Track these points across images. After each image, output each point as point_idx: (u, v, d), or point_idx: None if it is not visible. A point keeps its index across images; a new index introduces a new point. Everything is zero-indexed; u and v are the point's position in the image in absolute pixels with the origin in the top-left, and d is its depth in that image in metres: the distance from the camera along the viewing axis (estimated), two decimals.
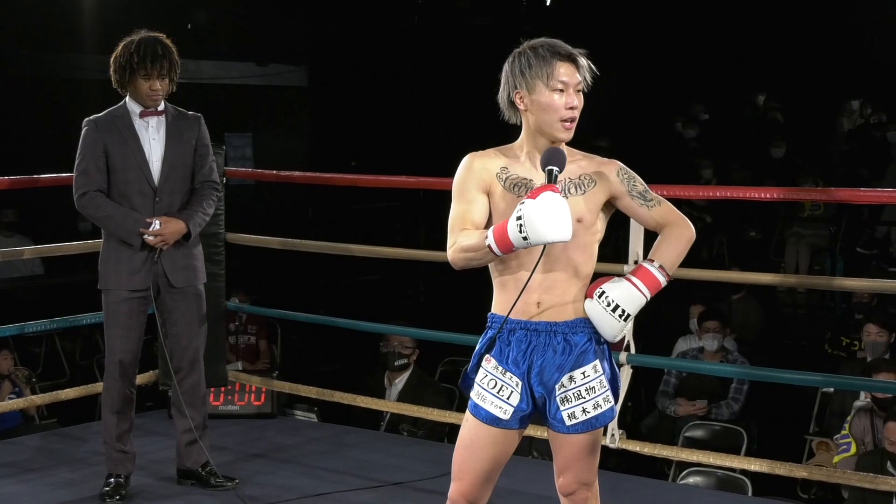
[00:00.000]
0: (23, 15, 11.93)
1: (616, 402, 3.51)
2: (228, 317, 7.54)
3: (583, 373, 3.42)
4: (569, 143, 3.49)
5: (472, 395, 3.51)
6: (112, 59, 4.97)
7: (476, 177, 3.47)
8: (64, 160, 5.80)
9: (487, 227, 3.42)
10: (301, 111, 15.67)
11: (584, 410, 3.42)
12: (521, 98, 3.45)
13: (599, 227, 3.49)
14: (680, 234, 3.48)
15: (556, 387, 3.42)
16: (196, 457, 5.25)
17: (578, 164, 3.47)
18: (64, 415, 8.02)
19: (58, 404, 6.91)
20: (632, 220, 5.14)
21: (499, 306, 3.49)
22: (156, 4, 11.88)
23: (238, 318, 9.21)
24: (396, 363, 7.33)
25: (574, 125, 3.45)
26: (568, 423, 3.43)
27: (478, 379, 3.51)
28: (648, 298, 3.42)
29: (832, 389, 7.65)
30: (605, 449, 5.39)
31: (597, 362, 3.44)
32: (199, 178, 5.11)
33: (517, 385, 3.44)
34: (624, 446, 5.31)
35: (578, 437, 3.44)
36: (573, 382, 3.42)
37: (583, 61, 3.47)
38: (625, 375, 5.31)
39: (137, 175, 4.96)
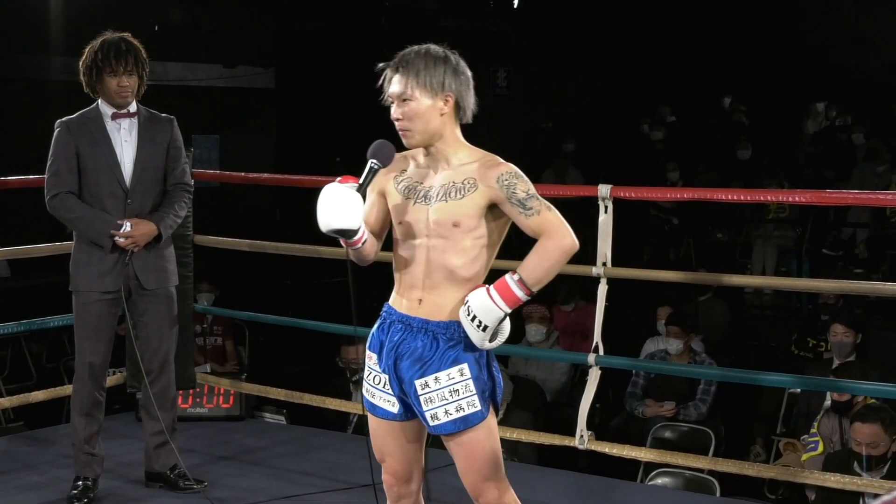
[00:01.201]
0: None
1: (488, 406, 3.48)
2: (195, 319, 7.52)
3: (448, 374, 3.44)
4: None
5: (364, 392, 3.62)
6: (80, 63, 4.95)
7: (375, 181, 3.56)
8: (31, 162, 5.77)
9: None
10: (268, 113, 15.64)
11: (446, 412, 3.44)
12: None
13: (485, 231, 3.46)
14: (553, 246, 3.41)
15: (419, 384, 3.46)
16: (165, 459, 5.24)
17: (469, 166, 3.47)
18: (30, 417, 7.97)
19: (24, 407, 6.87)
20: (599, 221, 5.22)
21: (391, 297, 3.59)
22: (123, 6, 11.83)
23: (204, 320, 9.19)
24: (354, 378, 7.27)
25: (409, 134, 3.46)
26: (432, 423, 3.48)
27: (366, 377, 3.61)
28: (507, 312, 3.39)
29: (799, 390, 7.69)
30: (573, 450, 5.45)
31: (464, 366, 3.45)
32: (171, 179, 5.10)
33: (387, 380, 3.53)
34: (592, 447, 5.33)
35: (456, 438, 3.48)
36: (438, 384, 3.45)
37: (412, 69, 3.44)
38: (593, 377, 5.33)
39: (109, 177, 4.94)
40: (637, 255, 11.76)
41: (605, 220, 5.21)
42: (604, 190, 5.18)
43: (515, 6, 16.22)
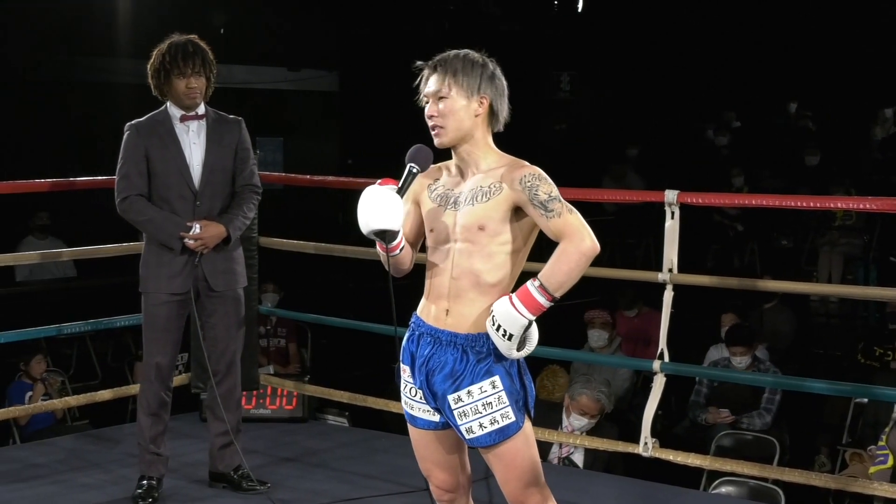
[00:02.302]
0: (55, 20, 12.00)
1: (523, 416, 3.47)
2: (260, 320, 7.56)
3: (480, 388, 3.42)
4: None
5: (403, 405, 3.62)
6: (148, 67, 4.99)
7: (410, 190, 3.56)
8: (98, 164, 5.83)
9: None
10: (332, 116, 15.71)
11: (481, 425, 3.43)
12: None
13: (510, 236, 3.44)
14: (572, 249, 3.34)
15: (452, 399, 3.45)
16: (229, 460, 5.26)
17: (497, 170, 3.46)
18: (95, 416, 8.05)
19: (90, 406, 6.93)
20: (665, 227, 5.18)
21: (419, 308, 3.58)
22: (188, 9, 11.94)
23: (269, 321, 9.25)
24: None
25: (441, 131, 3.46)
26: (468, 437, 3.47)
27: (402, 389, 3.60)
28: (530, 320, 3.34)
29: (865, 400, 7.59)
30: (637, 457, 5.41)
31: (496, 378, 3.42)
32: (239, 181, 5.12)
33: (421, 393, 3.52)
34: (657, 455, 5.29)
35: (493, 450, 3.46)
36: (471, 397, 3.43)
37: (450, 68, 3.45)
38: (658, 384, 5.29)
39: (178, 179, 4.97)
40: (701, 262, 11.69)
41: (672, 227, 5.16)
42: (671, 196, 5.13)
43: (580, 10, 16.17)
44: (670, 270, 5.20)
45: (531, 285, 3.35)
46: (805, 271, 11.99)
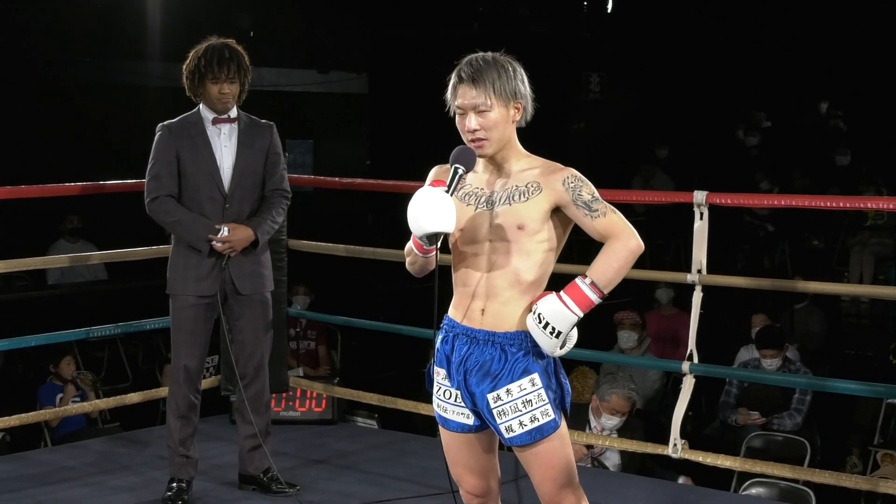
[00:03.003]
0: (86, 22, 12.06)
1: (560, 414, 3.47)
2: (289, 322, 7.57)
3: (519, 386, 3.42)
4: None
5: (436, 408, 3.61)
6: (183, 67, 5.01)
7: None
8: (128, 167, 5.85)
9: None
10: (361, 118, 15.73)
11: (521, 423, 3.42)
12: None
13: (547, 235, 3.46)
14: (620, 247, 3.39)
15: (490, 397, 3.44)
16: (258, 462, 5.27)
17: (531, 171, 3.47)
18: (126, 418, 8.09)
19: (120, 408, 6.97)
20: (694, 228, 5.17)
21: (451, 309, 3.56)
22: (218, 12, 11.98)
23: (298, 324, 9.27)
24: None
25: (485, 143, 3.44)
26: (507, 435, 3.46)
27: (435, 392, 3.59)
28: (580, 316, 3.36)
29: None
30: (667, 458, 5.40)
31: (535, 375, 3.43)
32: (269, 185, 5.13)
33: (459, 395, 3.51)
34: (686, 456, 5.27)
35: (531, 449, 3.45)
36: (510, 396, 3.43)
37: (488, 79, 3.42)
38: (687, 385, 5.27)
39: (208, 181, 4.99)
40: (731, 262, 11.65)
41: (701, 227, 5.14)
42: (699, 196, 5.12)
43: (609, 11, 16.14)
44: (699, 271, 5.18)
45: (582, 283, 3.37)
46: (836, 272, 11.92)
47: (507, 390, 3.42)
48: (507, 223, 3.43)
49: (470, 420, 3.54)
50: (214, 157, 5.00)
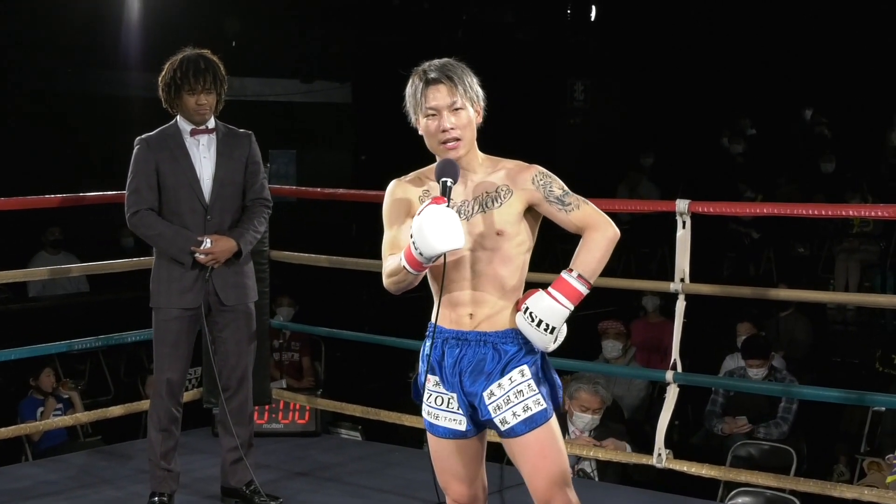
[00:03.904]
0: (67, 33, 12.03)
1: (552, 406, 3.51)
2: (272, 334, 7.55)
3: (510, 378, 3.47)
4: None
5: (425, 415, 3.62)
6: (159, 80, 5.01)
7: (398, 203, 3.57)
8: (110, 178, 5.84)
9: None
10: (345, 127, 15.72)
11: (514, 414, 3.46)
12: (417, 126, 3.55)
13: (525, 237, 3.51)
14: (600, 237, 3.46)
15: (486, 395, 3.48)
16: (241, 475, 5.26)
17: (497, 174, 3.50)
18: (108, 432, 8.06)
19: (102, 421, 6.94)
20: (677, 237, 5.17)
21: (436, 317, 3.55)
22: (200, 22, 11.96)
23: (282, 335, 9.26)
24: None
25: (459, 143, 3.46)
26: (502, 428, 3.49)
27: (426, 400, 3.60)
28: (571, 309, 3.42)
29: (884, 409, 7.56)
30: (651, 468, 5.39)
31: (524, 367, 3.48)
32: (249, 195, 5.13)
33: (454, 398, 3.53)
34: (671, 466, 5.27)
35: (524, 439, 3.47)
36: (502, 389, 3.47)
37: (459, 78, 3.46)
38: (671, 395, 5.27)
39: (188, 193, 4.99)
40: (716, 270, 11.67)
41: (683, 236, 5.15)
42: (682, 205, 5.12)
43: (593, 18, 16.15)
44: (682, 280, 5.19)
45: (569, 276, 3.44)
46: (822, 279, 11.96)
47: (499, 384, 3.47)
48: (485, 230, 3.45)
49: (462, 426, 3.55)
50: (194, 168, 5.00)
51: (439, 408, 3.57)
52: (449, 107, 3.45)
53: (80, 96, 12.74)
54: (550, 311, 3.41)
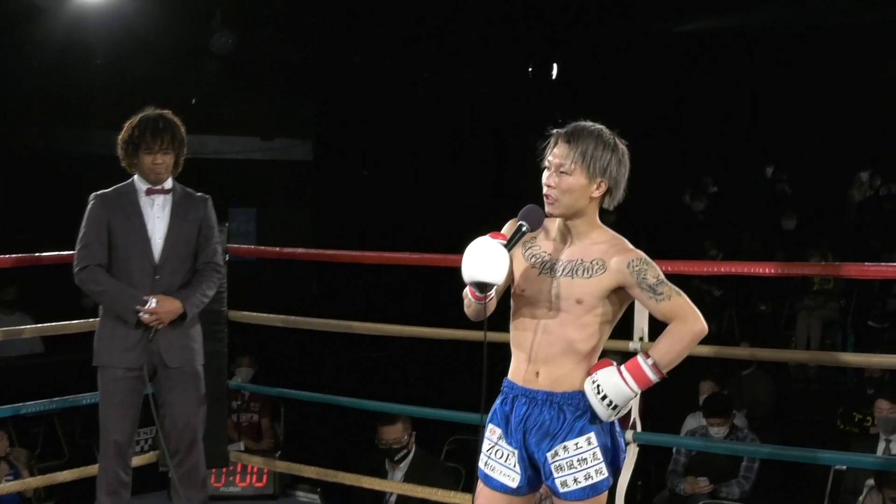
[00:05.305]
0: (28, 90, 12.03)
1: (613, 473, 3.60)
2: (231, 395, 7.50)
3: (576, 444, 3.53)
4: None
5: (481, 465, 3.69)
6: (118, 139, 5.03)
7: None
8: (71, 237, 5.81)
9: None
10: (306, 186, 15.72)
11: (575, 480, 3.53)
12: None
13: (607, 310, 3.56)
14: (686, 330, 3.51)
15: (549, 454, 3.55)
16: None
17: (598, 246, 3.57)
18: (61, 495, 7.96)
19: (56, 485, 6.86)
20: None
21: (510, 372, 3.66)
22: (161, 78, 11.98)
23: (241, 396, 9.20)
24: (396, 457, 7.22)
25: (554, 202, 3.54)
26: (561, 490, 3.55)
27: (484, 449, 3.67)
28: (637, 394, 3.50)
29: (845, 467, 7.58)
30: None
31: (591, 435, 3.54)
32: (201, 258, 5.13)
33: (515, 454, 3.59)
34: None
35: None
36: (566, 452, 3.54)
37: (581, 145, 3.53)
38: (631, 454, 5.27)
39: (138, 251, 4.99)
40: None
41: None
42: None
43: (553, 77, 16.27)
44: (641, 339, 5.21)
45: (644, 362, 3.49)
46: (783, 336, 12.01)
47: (565, 447, 3.54)
48: (566, 294, 3.53)
49: (514, 483, 3.63)
50: (146, 227, 5.01)
51: (498, 460, 3.65)
52: (557, 167, 3.53)
53: (39, 153, 12.71)
54: (617, 390, 3.47)
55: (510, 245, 3.52)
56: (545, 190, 3.56)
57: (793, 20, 15.37)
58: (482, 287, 3.50)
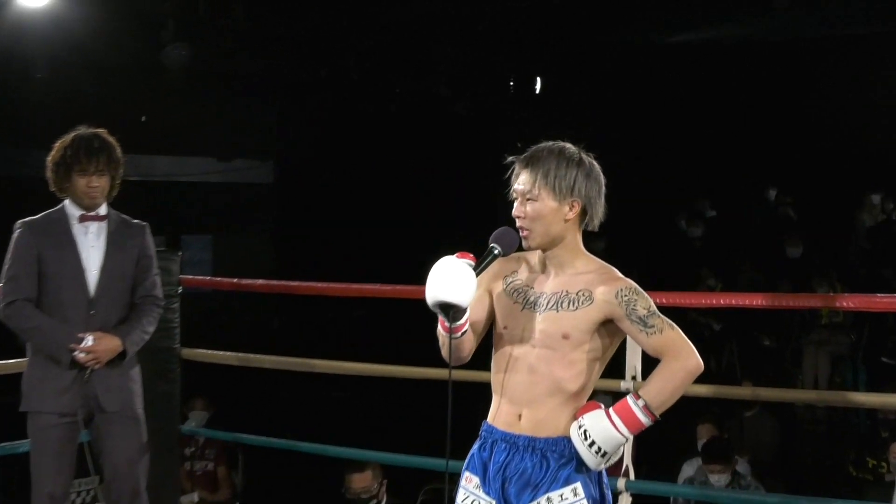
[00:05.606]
0: None
1: None
2: (183, 441, 7.45)
3: (560, 495, 3.50)
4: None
5: None
6: (48, 160, 4.98)
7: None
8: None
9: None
10: (267, 210, 15.68)
11: None
12: None
13: (596, 346, 3.54)
14: (679, 367, 3.48)
15: None
16: None
17: (583, 276, 3.55)
18: None
19: None
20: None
21: (490, 415, 3.62)
22: (108, 96, 11.94)
23: (194, 442, 9.13)
24: None
25: (529, 234, 3.53)
26: None
27: (459, 499, 3.64)
28: (628, 439, 3.47)
29: None
30: None
31: (577, 485, 3.51)
32: (140, 291, 5.08)
33: (489, 503, 3.55)
34: None
35: None
36: (550, 503, 3.49)
37: (542, 167, 3.54)
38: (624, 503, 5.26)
39: (72, 284, 4.94)
40: None
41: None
42: None
43: (537, 91, 16.29)
44: (634, 378, 5.21)
45: (634, 403, 3.45)
46: (789, 374, 12.00)
47: (548, 498, 3.50)
48: (551, 330, 3.50)
49: None
50: (80, 257, 4.96)
51: None
52: (523, 194, 3.53)
53: None
54: (605, 435, 3.44)
55: (480, 268, 3.50)
56: (518, 222, 3.54)
57: (799, 29, 15.41)
58: (447, 310, 3.45)
